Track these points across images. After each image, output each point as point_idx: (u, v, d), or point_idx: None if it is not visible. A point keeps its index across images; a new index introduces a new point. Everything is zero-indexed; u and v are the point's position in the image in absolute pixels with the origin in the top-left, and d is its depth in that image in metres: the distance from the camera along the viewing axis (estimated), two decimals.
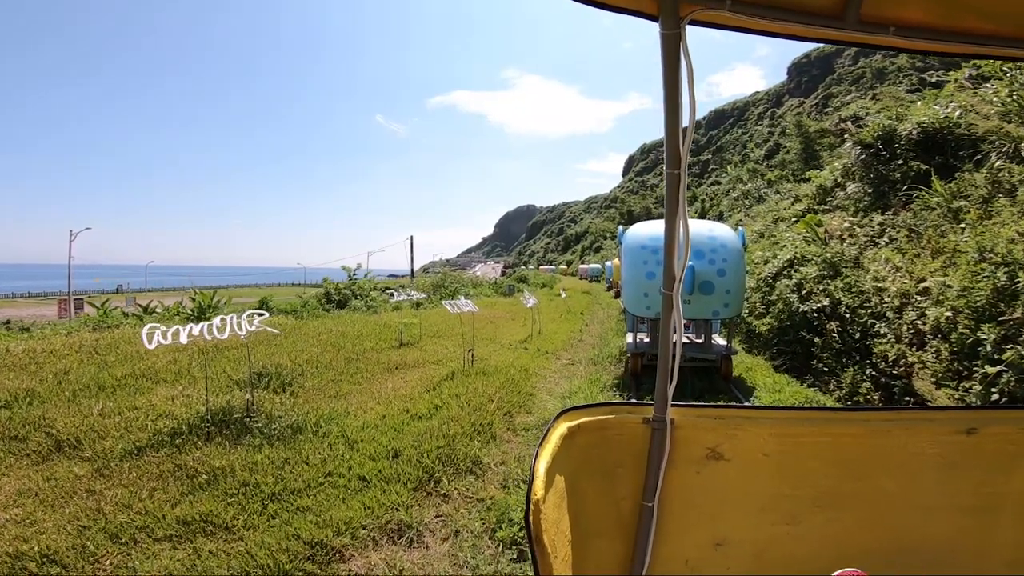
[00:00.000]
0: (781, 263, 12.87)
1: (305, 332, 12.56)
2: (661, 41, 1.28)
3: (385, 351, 11.03)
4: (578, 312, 20.44)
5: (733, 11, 1.25)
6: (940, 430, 1.62)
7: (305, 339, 11.66)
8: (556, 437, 1.44)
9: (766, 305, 12.68)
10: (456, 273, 35.88)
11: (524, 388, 8.21)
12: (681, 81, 1.30)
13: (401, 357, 10.45)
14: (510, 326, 15.75)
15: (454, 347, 11.83)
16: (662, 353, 1.53)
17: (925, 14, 1.30)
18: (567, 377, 9.37)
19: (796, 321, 11.01)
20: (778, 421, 1.63)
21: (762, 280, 13.42)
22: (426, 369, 9.58)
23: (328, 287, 20.20)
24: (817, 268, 11.06)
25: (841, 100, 68.35)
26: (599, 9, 1.22)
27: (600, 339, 13.99)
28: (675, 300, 1.50)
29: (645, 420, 1.57)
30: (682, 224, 1.45)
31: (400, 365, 9.80)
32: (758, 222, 24.19)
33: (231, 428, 5.99)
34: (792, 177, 34.52)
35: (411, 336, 12.56)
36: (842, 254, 10.87)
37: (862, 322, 9.20)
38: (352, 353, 10.56)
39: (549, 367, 10.14)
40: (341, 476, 4.90)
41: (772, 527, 1.65)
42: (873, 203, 12.77)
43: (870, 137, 13.92)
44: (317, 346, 10.93)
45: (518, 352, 11.22)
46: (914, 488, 1.64)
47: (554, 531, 1.32)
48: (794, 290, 11.30)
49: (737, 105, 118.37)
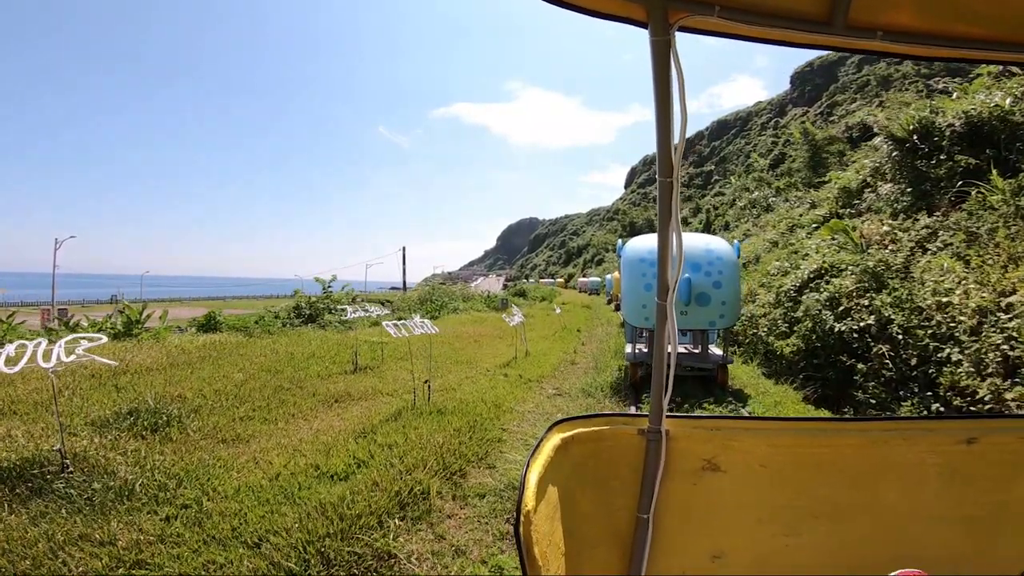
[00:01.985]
0: (806, 274, 11.03)
1: (246, 353, 10.74)
2: (651, 48, 1.27)
3: (333, 378, 9.20)
4: (574, 329, 18.52)
5: (721, 17, 1.23)
6: (940, 440, 1.59)
7: (240, 362, 9.86)
8: (549, 448, 1.43)
9: (790, 323, 10.81)
10: (445, 286, 33.96)
11: (490, 433, 6.35)
12: (672, 88, 1.29)
13: (349, 386, 8.62)
14: (494, 346, 13.88)
15: (424, 373, 9.99)
16: (656, 364, 1.51)
17: (913, 18, 1.29)
18: (549, 415, 7.49)
19: (831, 343, 9.15)
20: (775, 432, 1.61)
21: (783, 294, 11.56)
22: (374, 403, 7.74)
23: (300, 300, 18.36)
24: (855, 279, 9.21)
25: (846, 108, 66.99)
26: (588, 16, 1.24)
27: (596, 361, 12.10)
28: (669, 310, 1.46)
29: (640, 431, 1.55)
30: (675, 234, 1.41)
31: (343, 397, 7.97)
32: (769, 231, 22.45)
33: (29, 485, 4.22)
34: (801, 185, 33.22)
35: (372, 358, 10.71)
36: (885, 263, 9.02)
37: (921, 345, 7.34)
38: (289, 380, 8.75)
39: (530, 400, 8.27)
40: None
41: (771, 539, 1.61)
42: (913, 204, 10.95)
43: (903, 132, 12.18)
44: (248, 371, 9.12)
45: (495, 380, 9.34)
46: (915, 498, 1.61)
47: (546, 543, 1.30)
48: (827, 305, 9.44)
49: (740, 115, 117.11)
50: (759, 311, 12.76)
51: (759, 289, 13.86)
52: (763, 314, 12.38)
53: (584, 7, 1.20)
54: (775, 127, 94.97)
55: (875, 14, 1.27)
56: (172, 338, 11.66)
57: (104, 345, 5.79)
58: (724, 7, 1.22)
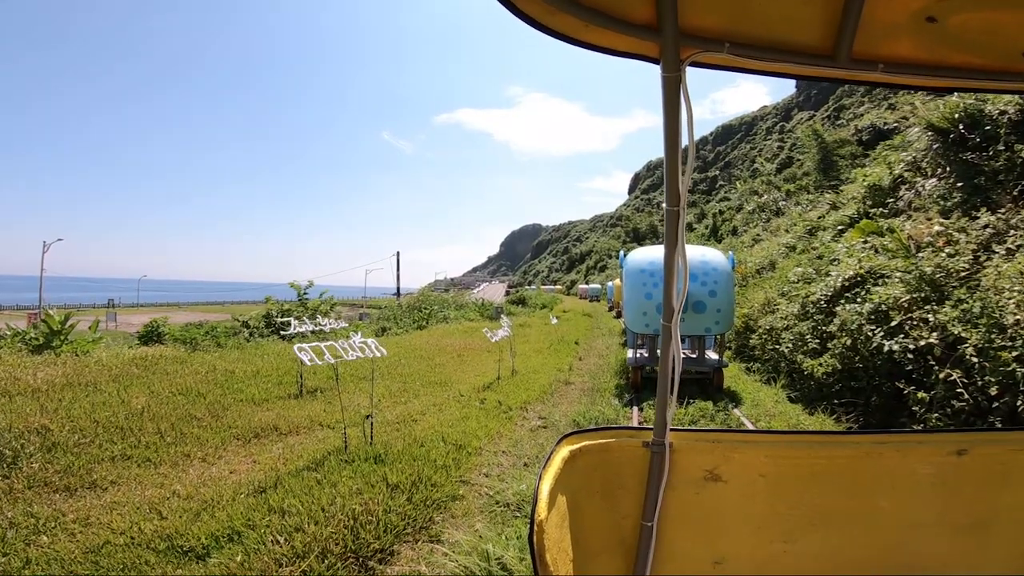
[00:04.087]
0: (840, 282, 9.40)
1: (174, 371, 9.14)
2: (662, 84, 1.30)
3: (269, 403, 7.64)
4: (571, 341, 16.86)
5: (731, 53, 1.27)
6: (932, 451, 1.63)
7: (158, 382, 8.31)
8: (559, 460, 1.46)
9: (821, 339, 9.17)
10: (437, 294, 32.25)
11: (442, 489, 4.79)
12: (681, 122, 1.31)
13: (283, 415, 7.05)
14: (479, 362, 12.25)
15: (384, 398, 8.39)
16: (661, 380, 1.55)
17: (912, 50, 1.33)
18: (529, 459, 5.88)
19: (876, 364, 7.53)
20: (773, 444, 1.65)
21: (812, 304, 9.92)
22: (304, 439, 6.20)
23: (271, 307, 16.77)
24: (906, 288, 7.59)
25: (854, 112, 65.60)
26: (603, 54, 1.28)
27: (595, 380, 10.48)
28: (674, 331, 1.51)
29: (645, 444, 1.59)
30: (681, 260, 1.45)
31: (266, 431, 6.43)
32: (783, 235, 20.86)
33: None
34: (813, 188, 31.91)
35: (328, 378, 9.11)
36: (945, 268, 7.39)
37: (1006, 371, 5.72)
38: (209, 406, 7.23)
39: (506, 436, 6.67)
40: None
41: (769, 545, 1.67)
42: (966, 200, 9.35)
43: (945, 122, 10.64)
44: (160, 395, 7.59)
45: (469, 408, 7.73)
46: (907, 506, 1.65)
47: (556, 550, 1.34)
48: (871, 319, 7.81)
49: (745, 120, 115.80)
50: (780, 323, 11.13)
51: (779, 299, 12.22)
52: (785, 327, 10.74)
53: (599, 46, 1.27)
54: (781, 131, 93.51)
55: (876, 47, 1.31)
56: (98, 352, 10.11)
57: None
58: (734, 43, 1.26)
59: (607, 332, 21.34)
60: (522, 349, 14.78)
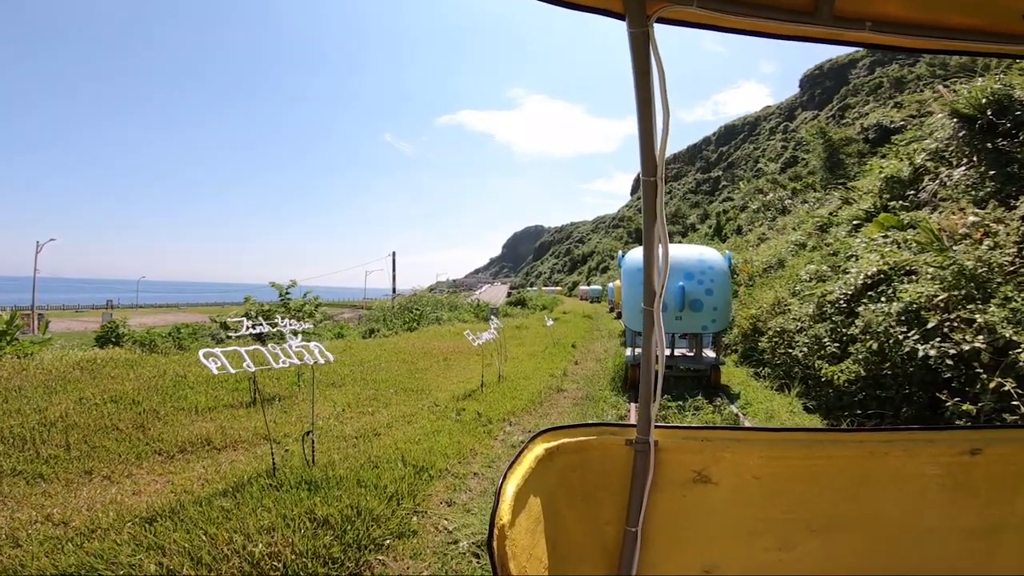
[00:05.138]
0: (861, 279, 8.47)
1: (119, 375, 8.20)
2: (629, 41, 1.20)
3: (215, 412, 6.79)
4: (568, 344, 15.92)
5: (701, 7, 1.15)
6: (942, 451, 1.53)
7: (96, 386, 7.44)
8: (530, 459, 1.36)
9: (841, 343, 8.24)
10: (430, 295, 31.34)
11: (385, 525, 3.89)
12: (653, 83, 1.22)
13: (225, 426, 6.19)
14: (465, 366, 11.33)
15: (350, 406, 7.49)
16: (644, 372, 1.43)
17: (903, 8, 1.23)
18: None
19: (908, 370, 6.61)
20: (768, 443, 1.55)
21: (830, 304, 8.99)
22: (241, 455, 5.38)
23: (250, 308, 15.87)
24: (941, 285, 6.67)
25: (859, 111, 64.65)
26: (564, 8, 1.15)
27: (590, 387, 9.56)
28: (656, 316, 1.37)
29: (628, 442, 1.48)
30: (661, 235, 1.32)
31: (198, 445, 5.67)
32: (791, 232, 19.95)
33: None
34: (819, 186, 31.14)
35: (287, 386, 8.20)
36: (987, 263, 6.46)
37: None
38: (139, 415, 6.38)
39: (481, 455, 5.75)
40: None
41: (764, 553, 1.56)
42: (999, 189, 8.45)
43: (971, 109, 9.79)
44: (90, 402, 6.76)
45: (443, 420, 6.82)
46: (915, 510, 1.56)
47: (525, 557, 1.25)
48: (901, 321, 6.89)
49: (747, 120, 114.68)
50: (792, 325, 10.20)
51: (790, 298, 11.29)
52: (799, 329, 9.81)
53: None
54: (785, 131, 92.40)
55: (863, 4, 1.20)
56: (44, 354, 9.27)
57: None
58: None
59: (606, 334, 20.40)
60: (515, 352, 13.87)
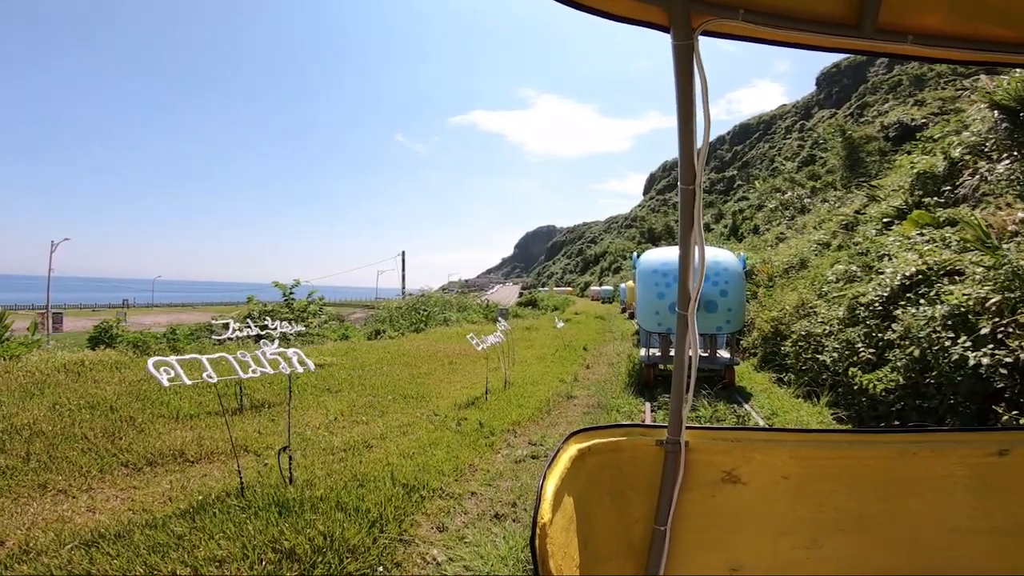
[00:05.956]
0: (899, 279, 7.80)
1: (103, 379, 7.82)
2: (673, 53, 1.22)
3: (198, 419, 6.42)
4: (579, 347, 15.33)
5: (746, 21, 1.19)
6: (970, 452, 1.53)
7: (77, 391, 7.08)
8: (565, 459, 1.38)
9: (878, 348, 7.58)
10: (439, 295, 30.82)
11: (363, 558, 3.40)
12: (695, 94, 1.25)
13: (204, 436, 5.79)
14: (471, 371, 10.80)
15: (343, 415, 6.99)
16: (676, 375, 1.45)
17: (944, 21, 1.24)
18: (504, 507, 4.41)
19: (956, 380, 5.96)
20: (798, 444, 1.55)
21: (863, 307, 8.32)
22: (216, 468, 4.93)
23: (253, 308, 15.51)
24: (992, 287, 6.01)
25: (878, 109, 63.18)
26: (609, 20, 1.19)
27: (601, 394, 8.98)
28: (690, 320, 1.40)
29: (658, 442, 1.50)
30: (697, 243, 1.35)
31: (170, 456, 5.28)
32: (813, 232, 19.17)
33: None
34: (840, 184, 30.23)
35: (278, 392, 7.73)
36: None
37: None
38: (117, 421, 6.01)
39: (481, 472, 5.20)
40: None
41: (791, 551, 1.56)
42: None
43: (1012, 100, 9.14)
44: (64, 407, 6.38)
45: (442, 431, 6.29)
46: (943, 510, 1.55)
47: (561, 555, 1.26)
48: (947, 325, 6.24)
49: (763, 119, 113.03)
50: (819, 328, 9.54)
51: (816, 300, 10.61)
52: (827, 333, 9.15)
53: (603, 10, 1.18)
54: (801, 129, 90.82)
55: (905, 16, 1.22)
56: (31, 357, 8.92)
57: None
58: (748, 10, 1.20)
59: (619, 336, 19.76)
60: (524, 355, 13.32)
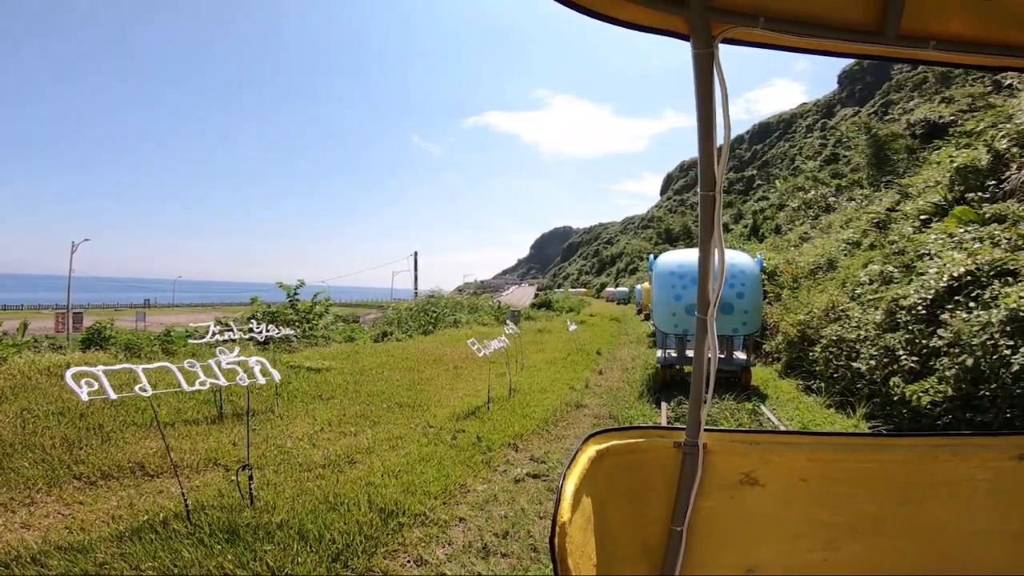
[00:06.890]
0: (945, 280, 7.05)
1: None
2: (693, 61, 1.22)
3: (171, 428, 5.84)
4: (592, 351, 14.64)
5: (767, 28, 1.20)
6: (992, 456, 1.52)
7: (46, 397, 6.54)
8: (584, 459, 1.39)
9: (921, 356, 6.84)
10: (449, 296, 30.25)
11: None
12: (715, 101, 1.25)
13: (173, 447, 5.20)
14: (477, 376, 10.21)
15: (331, 425, 6.45)
16: (695, 377, 1.45)
17: (967, 26, 1.24)
18: (496, 539, 3.81)
19: (1014, 391, 5.24)
20: (816, 446, 1.55)
21: (905, 311, 7.57)
22: (168, 485, 4.39)
23: (257, 309, 15.13)
24: None
25: (903, 107, 61.36)
26: (629, 29, 1.20)
27: (614, 401, 8.34)
28: (710, 324, 1.40)
29: (676, 444, 1.50)
30: (717, 248, 1.35)
31: (131, 468, 4.79)
32: (840, 231, 18.27)
33: None
34: (866, 183, 29.15)
35: (266, 398, 7.22)
36: None
37: None
38: (82, 429, 5.57)
39: (473, 493, 4.61)
40: None
41: (808, 554, 1.56)
42: None
43: None
44: (33, 412, 5.94)
45: (435, 445, 5.71)
46: (963, 514, 1.54)
47: (579, 555, 1.27)
48: (1006, 332, 5.50)
49: (783, 118, 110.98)
50: (852, 334, 8.78)
51: (848, 303, 9.84)
52: (862, 338, 8.40)
53: (624, 20, 1.19)
54: (823, 128, 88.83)
55: (928, 23, 1.22)
56: (18, 360, 8.55)
57: None
58: (769, 17, 1.19)
59: (634, 339, 19.04)
60: (533, 360, 12.70)
